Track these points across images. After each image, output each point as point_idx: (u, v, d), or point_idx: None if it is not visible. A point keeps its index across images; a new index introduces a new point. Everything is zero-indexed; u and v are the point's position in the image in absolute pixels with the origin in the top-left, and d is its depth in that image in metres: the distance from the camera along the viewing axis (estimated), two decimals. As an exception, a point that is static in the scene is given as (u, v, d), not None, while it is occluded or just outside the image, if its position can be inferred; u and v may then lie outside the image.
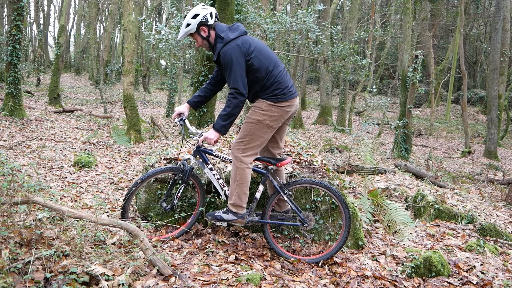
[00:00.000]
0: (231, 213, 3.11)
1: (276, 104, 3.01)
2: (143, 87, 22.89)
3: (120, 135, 9.11)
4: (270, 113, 3.00)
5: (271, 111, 3.01)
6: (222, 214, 3.14)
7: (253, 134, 3.02)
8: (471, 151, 14.43)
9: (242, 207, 3.11)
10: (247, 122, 3.05)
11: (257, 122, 3.00)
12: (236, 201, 3.08)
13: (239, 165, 3.03)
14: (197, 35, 3.08)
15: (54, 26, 39.80)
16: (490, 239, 4.31)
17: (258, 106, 3.03)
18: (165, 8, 31.74)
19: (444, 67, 22.39)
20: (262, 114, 3.00)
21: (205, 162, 3.31)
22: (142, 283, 2.53)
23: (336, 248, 3.26)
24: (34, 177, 5.03)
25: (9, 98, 9.26)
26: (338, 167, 6.96)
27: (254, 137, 3.03)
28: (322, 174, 3.73)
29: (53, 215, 2.99)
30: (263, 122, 3.00)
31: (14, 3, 9.07)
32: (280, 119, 3.08)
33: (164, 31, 9.20)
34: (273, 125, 3.06)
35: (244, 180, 3.05)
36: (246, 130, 3.04)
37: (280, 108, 3.02)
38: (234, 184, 3.07)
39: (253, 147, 3.05)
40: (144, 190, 3.74)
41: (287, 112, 3.07)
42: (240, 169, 3.03)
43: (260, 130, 3.02)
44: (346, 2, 27.42)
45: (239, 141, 3.06)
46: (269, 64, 3.02)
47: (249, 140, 3.03)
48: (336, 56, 10.10)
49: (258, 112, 3.02)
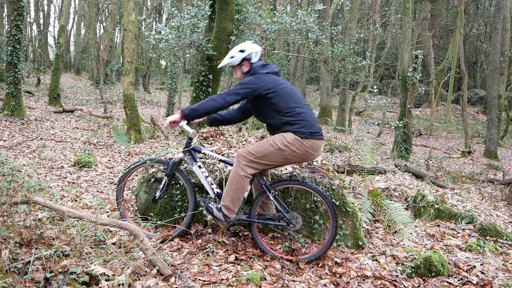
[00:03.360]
0: (222, 213, 3.16)
1: (302, 140, 3.01)
2: (143, 87, 22.89)
3: (120, 135, 9.11)
4: (293, 148, 3.02)
5: (295, 146, 3.02)
6: (214, 209, 3.19)
7: (267, 156, 3.06)
8: (471, 151, 14.43)
9: (233, 211, 3.15)
10: (268, 141, 3.07)
11: (278, 148, 3.03)
12: (228, 204, 3.12)
13: (240, 172, 3.06)
14: (238, 68, 3.25)
15: (54, 26, 39.87)
16: (490, 239, 4.31)
17: (284, 136, 3.04)
18: (165, 8, 31.75)
19: (444, 67, 22.39)
20: (286, 144, 3.02)
21: (194, 159, 3.34)
22: (142, 283, 2.53)
23: (324, 249, 3.23)
24: (34, 177, 5.03)
25: (9, 98, 9.26)
26: (338, 167, 6.96)
27: (266, 158, 3.06)
28: (322, 174, 3.72)
29: (53, 215, 2.99)
30: (283, 152, 3.03)
31: (14, 3, 9.06)
32: (301, 158, 3.10)
33: (164, 31, 9.20)
34: (290, 159, 3.10)
35: (241, 187, 3.09)
36: (262, 148, 3.06)
37: (305, 146, 3.03)
38: (230, 187, 3.10)
39: (259, 164, 3.09)
40: (144, 190, 3.74)
41: (310, 153, 3.08)
42: (240, 176, 3.07)
43: (275, 156, 3.05)
44: (346, 2, 27.42)
45: (250, 152, 3.07)
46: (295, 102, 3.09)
47: (260, 157, 3.06)
48: (336, 56, 10.10)
49: (281, 139, 3.03)
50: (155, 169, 3.77)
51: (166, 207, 3.66)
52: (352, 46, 10.35)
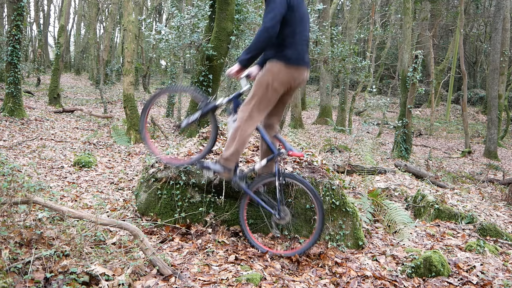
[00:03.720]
0: (219, 164, 3.18)
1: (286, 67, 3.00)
2: (143, 87, 22.88)
3: (120, 135, 9.11)
4: (279, 76, 3.02)
5: (281, 73, 3.01)
6: (210, 164, 3.22)
7: (261, 97, 3.05)
8: (471, 151, 14.43)
9: (232, 162, 3.16)
10: (256, 83, 3.08)
11: (266, 84, 3.03)
12: (228, 156, 3.13)
13: (243, 126, 3.07)
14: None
15: (54, 26, 39.87)
16: (490, 239, 4.31)
17: (268, 68, 3.04)
18: (165, 8, 31.73)
19: (444, 67, 22.39)
20: (270, 74, 3.02)
21: (234, 111, 3.29)
22: (142, 283, 2.53)
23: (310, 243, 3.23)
24: (34, 177, 5.03)
25: (9, 98, 9.26)
26: (338, 167, 6.96)
27: (260, 100, 3.06)
28: (322, 174, 3.72)
29: (53, 215, 2.99)
30: (271, 84, 3.02)
31: (14, 3, 9.06)
32: (287, 84, 3.08)
33: (164, 31, 9.20)
34: (279, 91, 3.08)
35: (243, 141, 3.10)
36: (254, 92, 3.07)
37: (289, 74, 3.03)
38: (232, 142, 3.11)
39: (259, 110, 3.08)
40: (144, 190, 3.74)
41: (294, 78, 3.08)
42: (242, 130, 3.07)
43: (267, 92, 3.04)
44: (346, 2, 27.42)
45: (246, 103, 3.09)
46: (299, 24, 3.03)
47: (256, 102, 3.06)
48: (336, 56, 10.10)
49: (267, 73, 3.03)
50: (155, 169, 3.77)
51: (166, 207, 3.66)
52: (352, 46, 10.36)
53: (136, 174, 5.87)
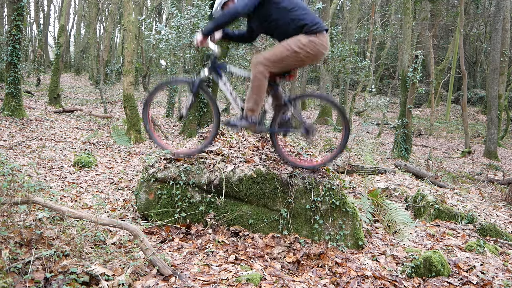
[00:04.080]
0: (244, 119, 3.35)
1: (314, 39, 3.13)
2: (143, 87, 22.88)
3: (120, 135, 9.10)
4: (307, 49, 3.14)
5: (310, 47, 3.14)
6: (236, 121, 3.37)
7: (282, 59, 3.18)
8: (471, 151, 14.43)
9: (256, 112, 3.33)
10: (283, 46, 3.17)
11: (293, 51, 3.14)
12: (252, 106, 3.30)
13: (258, 75, 3.20)
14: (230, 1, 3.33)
15: (54, 26, 39.83)
16: (490, 239, 4.31)
17: (298, 38, 3.15)
18: (165, 8, 31.71)
19: (444, 67, 22.38)
20: (299, 44, 3.13)
21: (220, 76, 3.49)
22: (142, 283, 2.53)
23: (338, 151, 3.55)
24: (34, 177, 5.03)
25: (9, 98, 9.26)
26: (338, 167, 6.96)
27: (281, 62, 3.19)
28: (322, 174, 3.73)
29: (53, 215, 2.99)
30: (298, 54, 3.15)
31: (14, 3, 9.06)
32: (314, 58, 3.21)
33: (164, 31, 9.19)
34: (305, 61, 3.23)
35: (261, 89, 3.25)
36: (277, 52, 3.18)
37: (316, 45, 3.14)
38: (252, 92, 3.27)
39: (273, 67, 3.23)
40: (144, 190, 3.74)
41: (320, 52, 3.19)
42: (259, 79, 3.20)
43: (291, 59, 3.17)
44: (346, 2, 27.41)
45: (265, 57, 3.20)
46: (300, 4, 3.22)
47: (275, 62, 3.19)
48: (336, 56, 10.10)
49: (295, 42, 3.14)
50: (155, 169, 3.77)
51: (166, 207, 3.65)
52: (352, 46, 10.36)
53: (136, 174, 5.87)
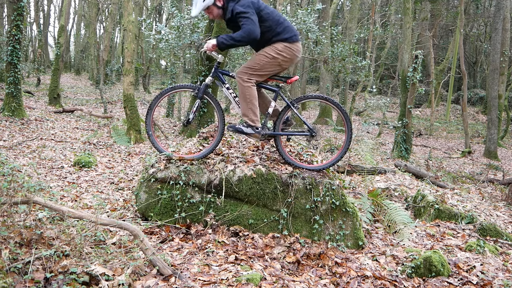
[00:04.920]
0: (250, 127, 3.47)
1: (290, 45, 3.41)
2: (143, 87, 22.87)
3: (120, 135, 9.10)
4: (284, 54, 3.41)
5: (286, 52, 3.41)
6: (243, 127, 3.49)
7: (263, 66, 3.41)
8: (471, 151, 14.43)
9: (257, 120, 3.49)
10: (261, 54, 3.41)
11: (272, 57, 3.40)
12: (252, 117, 3.45)
13: (245, 84, 3.40)
14: (213, 7, 3.41)
15: (54, 26, 39.82)
16: (490, 239, 4.31)
17: (275, 46, 3.41)
18: (165, 8, 31.72)
19: (444, 67, 22.38)
20: (276, 51, 3.40)
21: (222, 82, 3.61)
22: (142, 283, 2.53)
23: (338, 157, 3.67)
24: (34, 177, 5.03)
25: (9, 98, 9.25)
26: (338, 167, 6.96)
27: (262, 69, 3.42)
28: (322, 174, 3.73)
29: (53, 215, 2.99)
30: (277, 59, 3.41)
31: (14, 3, 9.06)
32: (290, 62, 3.47)
33: (164, 31, 9.19)
34: (283, 65, 3.47)
35: (252, 97, 3.43)
36: (257, 60, 3.41)
37: (292, 50, 3.43)
38: (245, 103, 3.45)
39: (257, 76, 3.44)
40: (144, 190, 3.74)
41: (296, 56, 3.47)
42: (247, 88, 3.40)
43: (270, 64, 3.42)
44: (346, 2, 27.41)
45: (247, 67, 3.41)
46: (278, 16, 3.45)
47: (257, 70, 3.41)
48: (336, 56, 10.10)
49: (273, 49, 3.41)
50: (155, 169, 3.77)
51: (166, 207, 3.66)
52: (352, 46, 10.35)
53: (136, 174, 5.87)
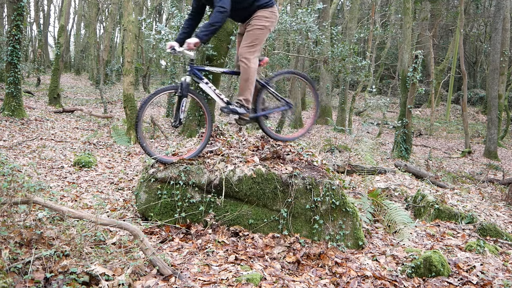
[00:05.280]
0: (242, 107, 3.60)
1: (273, 9, 3.59)
2: (143, 87, 22.87)
3: (120, 135, 9.10)
4: (271, 19, 3.58)
5: (272, 17, 3.58)
6: (237, 108, 3.60)
7: (260, 39, 3.56)
8: (471, 151, 14.43)
9: (250, 101, 3.65)
10: (256, 29, 3.52)
11: (265, 27, 3.54)
12: (248, 96, 3.59)
13: (251, 65, 3.50)
14: None
15: (54, 26, 39.80)
16: (490, 239, 4.31)
17: (263, 15, 3.54)
18: (165, 8, 31.71)
19: (444, 67, 22.38)
20: (266, 19, 3.54)
21: (200, 78, 3.64)
22: (142, 283, 2.53)
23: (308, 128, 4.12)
24: (34, 177, 5.03)
25: (9, 98, 9.25)
26: (338, 167, 6.96)
27: (261, 41, 3.58)
28: (322, 174, 3.73)
29: (53, 215, 2.99)
30: (268, 27, 3.57)
31: (14, 3, 9.06)
32: (274, 23, 3.65)
33: (164, 31, 9.19)
34: (271, 29, 3.65)
35: (254, 79, 3.58)
36: (255, 36, 3.53)
37: (275, 14, 3.62)
38: (246, 84, 3.55)
39: (258, 50, 3.60)
40: (144, 190, 3.74)
41: (276, 19, 3.67)
42: (252, 69, 3.51)
43: (265, 35, 3.59)
44: (346, 2, 27.41)
45: (249, 45, 3.52)
46: None
47: (257, 44, 3.55)
48: (336, 56, 10.09)
49: (264, 19, 3.54)
50: (155, 169, 3.77)
51: (166, 207, 3.66)
52: (352, 46, 10.35)
53: (136, 174, 5.87)
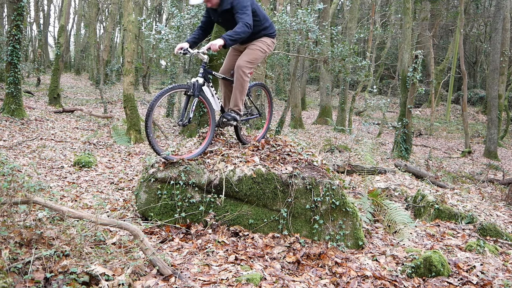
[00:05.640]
0: (238, 115, 3.97)
1: (273, 40, 4.07)
2: (143, 87, 22.87)
3: (120, 135, 9.10)
4: (270, 47, 4.05)
5: (271, 46, 4.07)
6: (234, 115, 3.94)
7: (258, 60, 3.97)
8: (471, 151, 14.43)
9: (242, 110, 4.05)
10: (257, 49, 3.94)
11: (263, 51, 3.97)
12: (241, 106, 3.98)
13: (246, 78, 3.89)
14: None
15: (54, 26, 39.79)
16: (490, 239, 4.31)
17: (265, 41, 3.99)
18: (165, 8, 31.71)
19: (444, 67, 22.38)
20: (267, 46, 4.01)
21: (207, 81, 3.87)
22: (142, 283, 2.53)
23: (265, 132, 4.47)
24: (34, 177, 5.03)
25: (9, 98, 9.25)
26: (338, 167, 6.96)
27: (257, 62, 3.98)
28: (322, 174, 3.73)
29: (53, 215, 2.99)
30: (266, 53, 4.01)
31: (14, 3, 9.06)
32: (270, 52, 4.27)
33: (164, 31, 9.19)
34: (266, 55, 4.26)
35: (246, 90, 3.98)
36: (255, 55, 3.93)
37: (273, 45, 4.09)
38: (240, 94, 3.94)
39: (253, 69, 4.01)
40: (144, 190, 3.74)
41: (273, 47, 4.14)
42: (246, 82, 3.90)
43: (262, 57, 4.01)
44: (346, 2, 27.40)
45: (249, 61, 3.89)
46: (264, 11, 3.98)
47: (254, 63, 3.96)
48: (336, 56, 10.09)
49: (265, 45, 3.99)
50: (155, 169, 3.77)
51: (166, 207, 3.66)
52: (352, 46, 10.35)
53: (136, 174, 5.87)
